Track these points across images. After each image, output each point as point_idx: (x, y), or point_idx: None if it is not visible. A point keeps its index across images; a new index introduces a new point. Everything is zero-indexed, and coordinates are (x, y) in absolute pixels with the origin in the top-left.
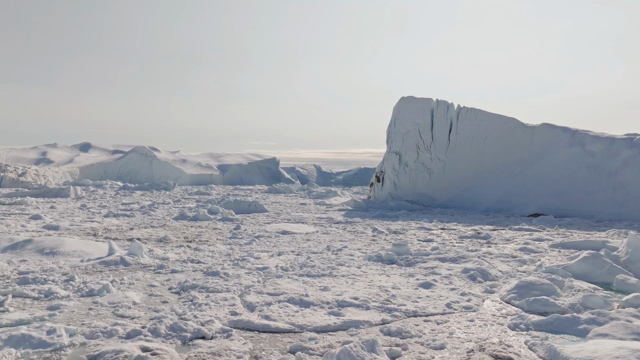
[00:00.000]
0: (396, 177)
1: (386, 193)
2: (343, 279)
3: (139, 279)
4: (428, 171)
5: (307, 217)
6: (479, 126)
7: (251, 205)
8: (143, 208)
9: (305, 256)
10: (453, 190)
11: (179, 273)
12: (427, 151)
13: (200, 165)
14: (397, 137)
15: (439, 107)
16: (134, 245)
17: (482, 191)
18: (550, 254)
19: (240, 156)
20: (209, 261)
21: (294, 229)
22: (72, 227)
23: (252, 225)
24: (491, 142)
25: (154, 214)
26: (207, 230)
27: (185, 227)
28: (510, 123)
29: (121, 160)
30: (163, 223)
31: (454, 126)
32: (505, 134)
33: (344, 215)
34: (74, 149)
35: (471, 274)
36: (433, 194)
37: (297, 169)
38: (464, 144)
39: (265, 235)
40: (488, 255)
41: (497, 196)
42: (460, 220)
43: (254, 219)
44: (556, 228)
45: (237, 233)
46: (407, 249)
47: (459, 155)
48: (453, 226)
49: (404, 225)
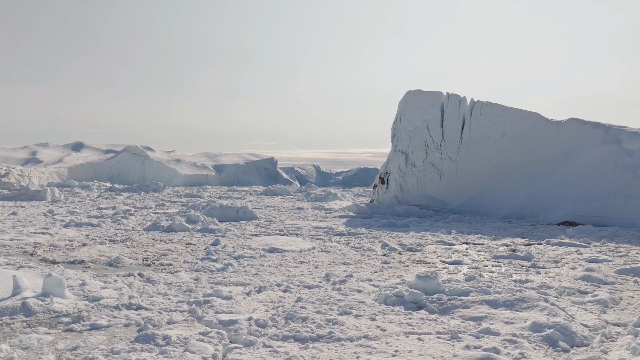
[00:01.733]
0: (402, 179)
1: (391, 196)
2: (350, 347)
3: (30, 346)
4: (438, 172)
5: (303, 226)
6: (495, 122)
7: (239, 212)
8: (117, 215)
9: (295, 296)
10: (467, 194)
11: (101, 331)
12: (437, 150)
13: (196, 165)
14: (404, 134)
15: (450, 102)
16: (50, 281)
17: (500, 195)
18: (628, 287)
19: (237, 156)
20: (156, 304)
21: (285, 244)
22: (11, 243)
23: (234, 239)
24: (510, 140)
25: (125, 222)
26: (178, 246)
27: (152, 241)
28: (532, 118)
29: (112, 160)
30: (127, 236)
31: (467, 122)
32: (526, 131)
33: (346, 223)
34: (65, 148)
35: (547, 334)
36: (444, 198)
37: (296, 169)
38: (478, 142)
39: (248, 255)
40: (546, 289)
41: (518, 201)
42: (482, 229)
43: (240, 229)
44: (603, 242)
45: (213, 251)
46: (438, 283)
47: (473, 155)
48: (477, 239)
49: (418, 238)
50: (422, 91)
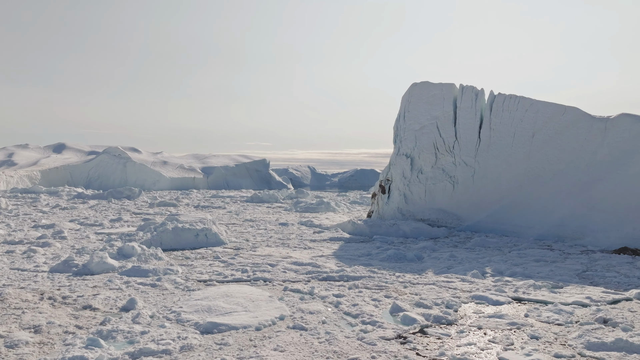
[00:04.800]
0: (407, 188)
1: (394, 209)
2: None
3: None
4: (451, 180)
5: (280, 260)
6: (522, 119)
7: (199, 236)
8: (42, 238)
9: None
10: (487, 208)
11: None
12: (449, 153)
13: (183, 167)
14: (408, 134)
15: (464, 95)
16: None
17: (531, 210)
18: None
19: (227, 157)
20: None
21: (237, 308)
22: None
23: (166, 293)
24: (542, 141)
25: (36, 256)
26: (63, 315)
27: (34, 300)
28: (570, 114)
29: (90, 163)
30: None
31: (487, 119)
32: (563, 130)
33: (338, 253)
34: (46, 150)
35: None
36: (459, 212)
37: (290, 171)
38: (501, 144)
39: (161, 342)
40: None
41: (555, 218)
42: (523, 263)
43: (189, 266)
44: None
45: (107, 333)
46: None
47: (495, 160)
48: (530, 289)
49: (443, 287)
50: (431, 83)
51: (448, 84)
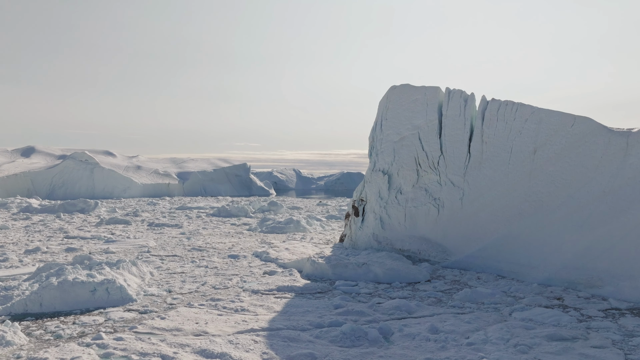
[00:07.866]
0: (384, 211)
1: (368, 234)
2: None
3: None
4: (435, 203)
5: (186, 342)
6: (521, 131)
7: (97, 291)
8: None
9: None
10: (479, 239)
11: None
12: (433, 170)
13: (157, 173)
14: (386, 147)
15: (451, 101)
16: None
17: (533, 246)
18: None
19: (206, 161)
20: None
21: None
22: None
23: None
24: (547, 159)
25: None
26: None
27: None
28: (582, 125)
29: (54, 169)
30: None
31: (478, 130)
32: (573, 145)
33: (276, 324)
34: (14, 153)
35: None
36: (445, 242)
37: (275, 174)
38: (495, 161)
39: None
40: None
41: (564, 257)
42: (530, 342)
43: (51, 353)
44: None
45: None
46: None
47: (488, 180)
48: None
49: None
50: (412, 86)
51: (432, 87)
